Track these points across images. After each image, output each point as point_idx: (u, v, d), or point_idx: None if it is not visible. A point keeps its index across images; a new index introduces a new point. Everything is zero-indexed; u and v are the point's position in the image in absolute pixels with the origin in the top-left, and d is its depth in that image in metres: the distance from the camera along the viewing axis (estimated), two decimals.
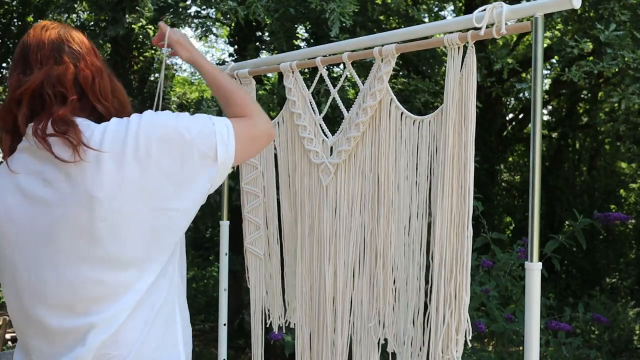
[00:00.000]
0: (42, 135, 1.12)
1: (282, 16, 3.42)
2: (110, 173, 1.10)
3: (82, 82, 1.19)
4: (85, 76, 1.20)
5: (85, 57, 1.23)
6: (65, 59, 1.20)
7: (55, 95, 1.17)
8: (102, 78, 1.23)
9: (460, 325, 1.38)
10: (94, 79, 1.21)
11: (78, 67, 1.20)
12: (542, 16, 1.26)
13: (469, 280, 1.38)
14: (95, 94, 1.21)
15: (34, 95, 1.16)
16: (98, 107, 1.21)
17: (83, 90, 1.19)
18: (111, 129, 1.14)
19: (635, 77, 3.40)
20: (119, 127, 1.15)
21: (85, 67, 1.21)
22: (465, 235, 1.37)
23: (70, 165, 1.11)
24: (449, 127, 1.39)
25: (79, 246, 1.10)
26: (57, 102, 1.16)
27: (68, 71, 1.18)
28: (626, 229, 7.70)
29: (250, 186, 1.91)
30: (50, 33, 1.22)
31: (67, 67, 1.19)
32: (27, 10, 5.80)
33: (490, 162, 6.50)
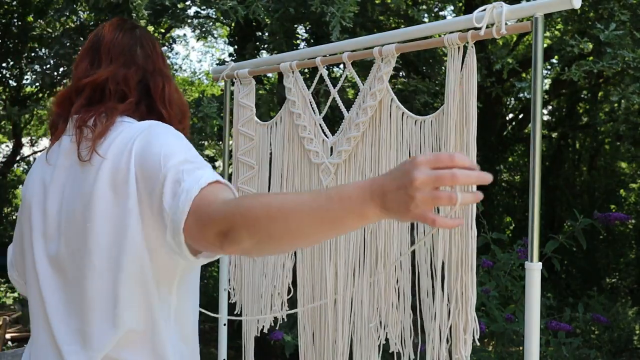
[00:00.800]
0: (79, 124, 1.13)
1: (282, 16, 3.42)
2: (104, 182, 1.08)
3: (149, 85, 1.20)
4: (155, 82, 1.21)
5: (155, 62, 1.24)
6: (135, 61, 1.21)
7: (116, 92, 1.17)
8: (170, 86, 1.24)
9: (468, 325, 1.38)
10: (163, 86, 1.22)
11: (147, 71, 1.21)
12: (542, 16, 1.26)
13: (474, 280, 1.38)
14: (163, 100, 1.21)
15: (96, 88, 1.17)
16: (164, 113, 1.21)
17: (149, 94, 1.20)
18: (123, 135, 1.12)
19: (635, 76, 3.40)
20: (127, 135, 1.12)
21: (153, 72, 1.22)
22: (470, 235, 1.37)
23: (85, 163, 1.10)
24: (450, 127, 1.39)
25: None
26: (115, 99, 1.17)
27: (135, 74, 1.19)
28: (626, 229, 7.70)
29: (246, 186, 1.91)
30: (125, 33, 1.23)
31: (136, 69, 1.19)
32: (27, 10, 5.80)
33: (490, 162, 6.50)
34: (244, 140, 1.91)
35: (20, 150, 8.35)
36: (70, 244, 1.11)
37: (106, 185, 1.07)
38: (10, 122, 6.96)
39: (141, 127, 1.12)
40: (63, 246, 1.12)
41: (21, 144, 8.26)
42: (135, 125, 1.13)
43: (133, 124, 1.14)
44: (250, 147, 1.90)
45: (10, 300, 6.62)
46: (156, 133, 1.09)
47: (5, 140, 9.05)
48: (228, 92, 2.03)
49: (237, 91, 1.93)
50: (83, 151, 1.11)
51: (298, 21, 3.90)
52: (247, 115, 1.90)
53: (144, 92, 1.20)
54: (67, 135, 1.16)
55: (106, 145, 1.10)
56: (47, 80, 3.96)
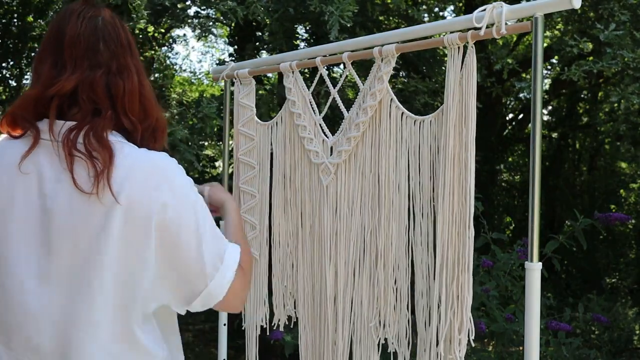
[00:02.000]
0: (69, 147, 1.04)
1: (281, 16, 3.42)
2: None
3: (112, 92, 1.10)
4: (116, 85, 1.11)
5: (120, 57, 1.13)
6: (98, 61, 1.11)
7: (89, 102, 1.09)
8: (132, 84, 1.12)
9: (463, 325, 1.38)
10: (124, 89, 1.11)
11: (110, 72, 1.11)
12: (542, 16, 1.26)
13: (471, 280, 1.38)
14: (123, 107, 1.11)
15: (64, 97, 1.09)
16: (124, 122, 1.11)
17: (114, 101, 1.11)
18: (138, 176, 1.04)
19: (634, 76, 3.41)
20: (147, 182, 1.04)
21: (117, 71, 1.12)
22: (467, 235, 1.37)
23: (83, 194, 1.03)
24: (449, 127, 1.39)
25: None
26: (91, 112, 1.08)
27: (100, 79, 1.10)
28: (626, 229, 7.69)
29: (247, 186, 1.91)
30: (87, 24, 1.11)
31: (99, 73, 1.10)
32: (27, 10, 5.80)
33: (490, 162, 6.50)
34: (245, 140, 1.91)
35: None
36: (65, 262, 1.05)
37: (121, 225, 1.02)
38: None
39: (158, 177, 1.05)
40: (55, 260, 1.05)
41: None
42: (145, 160, 1.07)
43: (134, 150, 1.08)
44: (250, 147, 1.90)
45: None
46: (178, 195, 1.06)
47: None
48: (228, 92, 2.03)
49: (237, 91, 1.93)
50: (81, 180, 1.02)
51: (298, 21, 3.90)
52: (248, 115, 1.90)
53: (111, 98, 1.10)
54: (44, 141, 1.07)
55: (119, 181, 1.02)
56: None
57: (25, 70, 6.43)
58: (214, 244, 1.10)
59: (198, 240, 1.07)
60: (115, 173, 1.03)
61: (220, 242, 1.12)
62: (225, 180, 2.05)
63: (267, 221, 1.88)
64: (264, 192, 1.88)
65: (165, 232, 1.04)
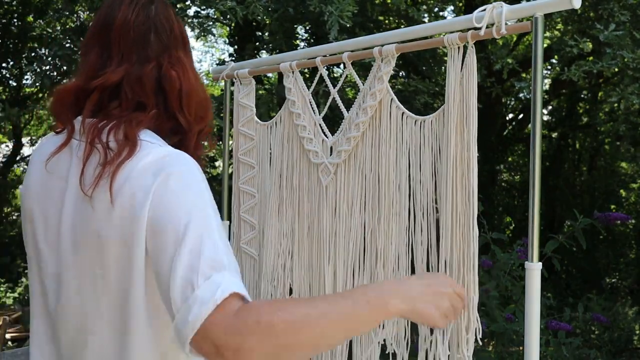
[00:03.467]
0: (93, 135, 0.96)
1: (281, 16, 3.42)
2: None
3: (166, 87, 1.00)
4: (171, 80, 1.00)
5: (172, 50, 1.03)
6: (149, 54, 1.01)
7: (133, 97, 0.99)
8: (188, 80, 1.02)
9: (470, 325, 1.38)
10: (180, 84, 1.01)
11: (162, 66, 1.01)
12: (542, 16, 1.26)
13: (477, 280, 1.38)
14: (179, 103, 1.01)
15: (106, 91, 0.99)
16: (181, 119, 1.01)
17: (166, 96, 1.00)
18: (138, 170, 0.92)
19: (634, 77, 3.41)
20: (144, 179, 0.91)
21: (170, 65, 1.01)
22: (471, 236, 1.37)
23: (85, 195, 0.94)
24: (451, 127, 1.39)
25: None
26: (132, 107, 0.99)
27: (151, 73, 1.00)
28: (626, 229, 7.70)
29: (247, 186, 1.91)
30: (139, 12, 1.02)
31: (150, 66, 1.00)
32: (27, 10, 5.80)
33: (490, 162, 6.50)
34: (244, 140, 1.91)
35: (20, 150, 8.35)
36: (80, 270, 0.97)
37: (118, 231, 0.92)
38: (10, 123, 6.96)
39: (156, 168, 0.92)
40: (71, 271, 0.98)
41: (21, 144, 8.26)
42: (149, 158, 0.93)
43: (152, 149, 0.95)
44: (250, 147, 1.90)
45: (10, 300, 6.62)
46: (172, 190, 0.89)
47: (5, 140, 9.05)
48: (228, 92, 2.03)
49: (237, 91, 1.93)
50: (87, 180, 0.93)
51: (297, 21, 3.90)
52: (247, 115, 1.90)
53: (161, 94, 1.01)
54: (75, 141, 1.00)
55: (121, 181, 0.92)
56: (47, 81, 3.96)
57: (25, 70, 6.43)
58: (192, 262, 0.83)
59: (174, 249, 0.85)
60: (120, 173, 0.92)
61: (206, 263, 0.83)
62: (225, 180, 2.05)
63: (266, 221, 1.88)
64: (264, 192, 1.88)
65: (150, 231, 0.90)
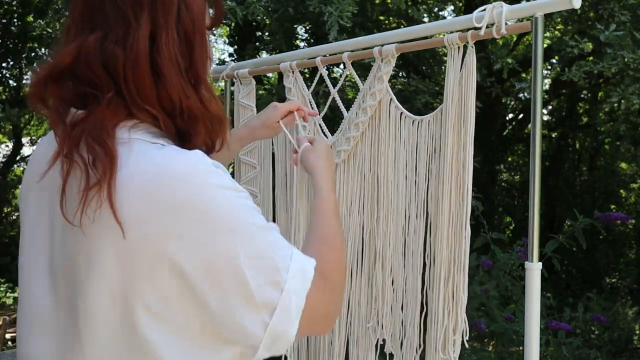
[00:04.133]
0: (70, 146, 0.76)
1: (281, 16, 3.42)
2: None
3: (110, 64, 0.76)
4: (114, 55, 0.76)
5: (129, 15, 0.76)
6: (98, 21, 0.77)
7: (87, 82, 0.78)
8: (136, 50, 0.75)
9: (458, 326, 1.38)
10: (124, 61, 0.76)
11: (108, 37, 0.77)
12: (542, 16, 1.25)
13: (466, 281, 1.38)
14: (128, 87, 0.77)
15: (63, 79, 0.79)
16: (137, 115, 0.78)
17: (115, 79, 0.77)
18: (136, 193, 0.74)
19: (634, 77, 3.40)
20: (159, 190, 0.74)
21: (122, 37, 0.76)
22: (463, 235, 1.37)
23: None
24: (448, 127, 1.39)
25: None
26: (92, 98, 0.78)
27: (94, 46, 0.76)
28: (626, 229, 7.69)
29: (249, 186, 1.91)
30: None
31: (93, 37, 0.77)
32: (27, 10, 5.79)
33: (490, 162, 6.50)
34: None
35: (20, 150, 8.35)
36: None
37: (112, 259, 0.75)
38: (10, 123, 6.96)
39: (163, 180, 0.74)
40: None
41: (21, 144, 8.26)
42: (149, 166, 0.75)
43: (145, 152, 0.77)
44: (251, 147, 1.90)
45: (10, 300, 6.62)
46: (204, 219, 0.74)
47: (5, 141, 9.05)
48: (228, 92, 2.03)
49: (237, 91, 1.93)
50: (70, 208, 0.75)
51: (297, 21, 3.90)
52: (248, 115, 1.90)
53: (111, 77, 0.79)
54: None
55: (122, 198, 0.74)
56: None
57: (25, 70, 6.43)
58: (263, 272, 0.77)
59: (241, 293, 0.75)
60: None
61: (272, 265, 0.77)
62: None
63: (273, 221, 1.88)
64: (266, 192, 1.88)
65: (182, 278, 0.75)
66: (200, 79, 0.83)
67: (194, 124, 0.81)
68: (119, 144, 0.76)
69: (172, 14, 0.78)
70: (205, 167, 0.76)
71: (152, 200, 0.73)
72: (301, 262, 0.80)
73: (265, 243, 0.78)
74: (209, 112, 0.83)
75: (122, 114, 0.78)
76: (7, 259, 7.27)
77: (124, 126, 0.78)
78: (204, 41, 0.83)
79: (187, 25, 0.80)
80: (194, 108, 0.80)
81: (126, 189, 0.74)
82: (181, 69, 0.79)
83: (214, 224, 0.74)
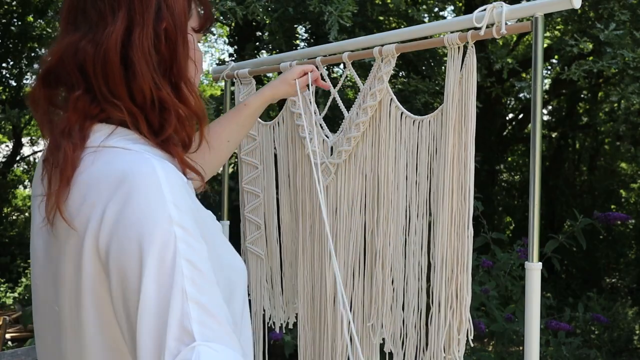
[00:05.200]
0: (46, 152, 0.79)
1: (281, 16, 3.42)
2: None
3: (80, 60, 0.77)
4: (84, 51, 0.77)
5: (106, 15, 0.78)
6: (80, 23, 0.79)
7: (69, 83, 0.79)
8: (106, 44, 0.76)
9: (462, 325, 1.38)
10: (93, 56, 0.77)
11: (86, 36, 0.78)
12: (542, 16, 1.26)
13: (470, 280, 1.38)
14: (98, 84, 0.77)
15: (50, 81, 0.80)
16: (111, 112, 0.78)
17: (86, 76, 0.78)
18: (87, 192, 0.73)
19: (634, 76, 3.40)
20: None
21: (93, 37, 0.77)
22: (465, 235, 1.37)
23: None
24: (449, 127, 1.39)
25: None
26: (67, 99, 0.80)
27: (69, 46, 0.78)
28: (626, 229, 7.69)
29: (251, 186, 1.91)
30: None
31: (70, 38, 0.79)
32: (27, 10, 5.80)
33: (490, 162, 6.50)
34: (247, 140, 1.91)
35: (20, 150, 8.35)
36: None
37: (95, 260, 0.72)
38: (10, 123, 6.96)
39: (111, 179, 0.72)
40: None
41: (21, 144, 8.26)
42: (105, 167, 0.74)
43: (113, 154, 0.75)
44: (253, 147, 1.90)
45: (10, 300, 6.62)
46: (135, 220, 0.69)
47: (5, 140, 9.05)
48: (228, 92, 2.03)
49: (237, 91, 1.93)
50: (50, 206, 0.75)
51: (297, 21, 3.90)
52: None
53: (82, 74, 0.80)
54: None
55: (75, 205, 0.73)
56: None
57: (25, 70, 6.43)
58: (159, 330, 0.64)
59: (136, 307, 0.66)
60: (71, 192, 0.74)
61: (173, 334, 0.64)
62: (225, 180, 2.05)
63: (271, 221, 1.88)
64: (268, 192, 1.88)
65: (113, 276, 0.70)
66: (182, 76, 0.83)
67: (166, 114, 0.80)
68: (88, 152, 0.76)
69: (150, 11, 0.79)
70: (155, 171, 0.71)
71: (100, 200, 0.71)
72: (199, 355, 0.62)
73: (169, 310, 0.64)
74: (187, 107, 0.82)
75: (93, 112, 0.77)
76: (7, 259, 7.28)
77: (100, 132, 0.78)
78: (186, 41, 0.83)
79: (168, 23, 0.80)
80: (166, 99, 0.79)
81: (82, 189, 0.73)
82: (154, 62, 0.78)
83: (138, 230, 0.68)
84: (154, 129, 0.80)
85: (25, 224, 8.85)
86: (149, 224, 0.67)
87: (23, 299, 6.32)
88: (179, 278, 0.65)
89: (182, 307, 0.64)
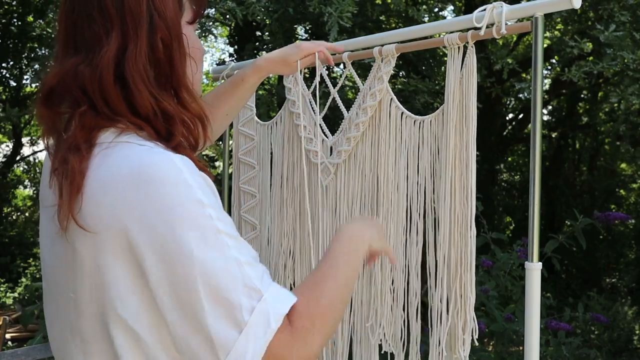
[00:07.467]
0: (53, 159, 0.80)
1: (281, 17, 3.42)
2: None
3: (80, 80, 0.80)
4: (83, 75, 0.80)
5: (112, 33, 0.79)
6: (78, 45, 0.82)
7: (73, 101, 0.82)
8: (102, 60, 0.79)
9: (467, 325, 1.38)
10: (91, 78, 0.79)
11: (83, 62, 0.81)
12: (542, 16, 1.26)
13: (474, 280, 1.38)
14: (98, 104, 0.80)
15: (53, 100, 0.83)
16: (112, 124, 0.81)
17: (85, 91, 0.80)
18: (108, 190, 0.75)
19: (634, 77, 3.40)
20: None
21: (91, 58, 0.80)
22: (469, 235, 1.37)
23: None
24: (450, 127, 1.39)
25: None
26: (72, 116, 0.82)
27: (74, 70, 0.81)
28: (626, 229, 7.70)
29: (247, 186, 1.91)
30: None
31: (74, 62, 0.81)
32: (27, 10, 5.80)
33: (490, 162, 6.50)
34: (245, 140, 1.91)
35: (20, 150, 8.35)
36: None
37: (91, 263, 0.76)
38: (10, 123, 6.96)
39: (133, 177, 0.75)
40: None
41: (21, 143, 8.26)
42: (123, 164, 0.76)
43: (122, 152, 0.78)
44: (250, 147, 1.90)
45: (10, 300, 6.63)
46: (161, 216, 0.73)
47: (5, 140, 9.06)
48: None
49: None
50: (62, 215, 0.77)
51: (297, 21, 3.90)
52: (248, 115, 1.90)
53: (83, 91, 0.83)
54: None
55: (91, 205, 0.76)
56: None
57: (25, 70, 6.43)
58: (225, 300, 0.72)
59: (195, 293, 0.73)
60: (87, 193, 0.76)
61: (239, 292, 0.73)
62: (225, 180, 2.05)
63: (267, 221, 1.88)
64: (265, 192, 1.88)
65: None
66: (181, 82, 0.85)
67: (172, 123, 0.83)
68: (102, 148, 0.78)
69: (143, 25, 0.80)
70: (175, 169, 0.75)
71: (121, 194, 0.74)
72: (271, 304, 0.73)
73: (229, 275, 0.72)
74: (189, 112, 0.85)
75: (99, 124, 0.80)
76: (7, 259, 7.28)
77: (110, 132, 0.80)
78: (182, 44, 0.85)
79: (163, 32, 0.82)
80: (167, 108, 0.82)
81: (99, 187, 0.75)
82: (150, 77, 0.81)
83: (168, 224, 0.73)
84: (162, 136, 0.82)
85: (26, 224, 8.86)
86: (181, 209, 0.73)
87: (23, 299, 6.32)
88: (227, 251, 0.73)
89: (240, 272, 0.73)
